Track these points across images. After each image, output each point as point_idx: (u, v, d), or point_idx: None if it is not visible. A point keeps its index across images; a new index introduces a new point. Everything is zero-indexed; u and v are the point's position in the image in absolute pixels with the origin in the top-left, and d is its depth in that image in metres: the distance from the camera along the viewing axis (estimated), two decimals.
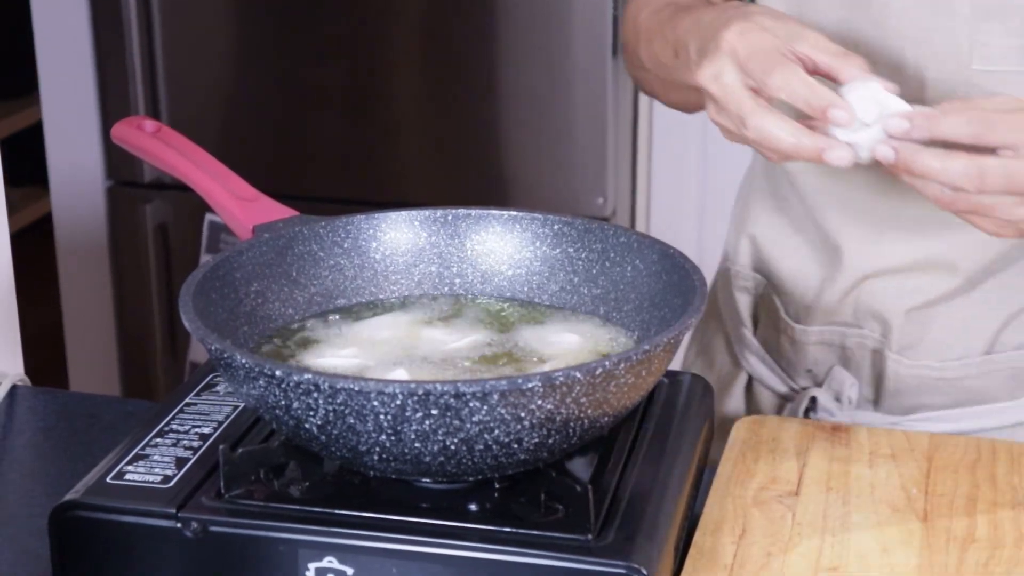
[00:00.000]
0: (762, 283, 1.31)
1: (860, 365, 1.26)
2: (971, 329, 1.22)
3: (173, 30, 2.57)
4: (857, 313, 1.24)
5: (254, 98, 2.58)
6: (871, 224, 1.22)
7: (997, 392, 1.23)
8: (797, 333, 1.27)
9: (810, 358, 1.28)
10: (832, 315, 1.25)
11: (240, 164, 1.23)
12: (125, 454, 0.98)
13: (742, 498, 1.02)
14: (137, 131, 1.18)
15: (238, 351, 0.90)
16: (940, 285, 1.21)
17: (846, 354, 1.26)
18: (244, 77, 2.58)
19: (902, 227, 1.20)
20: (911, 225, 1.20)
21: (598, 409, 0.90)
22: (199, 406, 1.05)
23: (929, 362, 1.23)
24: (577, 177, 2.46)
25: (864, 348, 1.25)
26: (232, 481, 0.93)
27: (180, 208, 2.65)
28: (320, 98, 2.53)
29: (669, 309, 1.02)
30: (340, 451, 0.90)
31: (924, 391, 1.24)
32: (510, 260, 1.13)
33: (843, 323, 1.25)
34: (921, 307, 1.22)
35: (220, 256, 1.04)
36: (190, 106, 2.60)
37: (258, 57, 2.56)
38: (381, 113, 2.52)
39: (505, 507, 0.92)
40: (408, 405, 0.85)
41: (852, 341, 1.25)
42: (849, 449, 1.09)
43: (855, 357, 1.26)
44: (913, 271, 1.21)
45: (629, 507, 0.93)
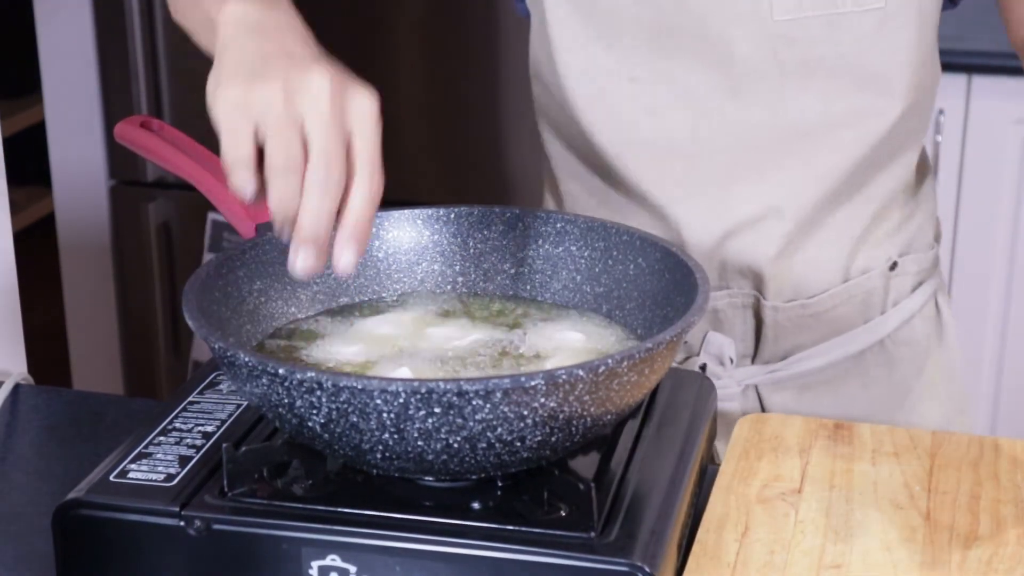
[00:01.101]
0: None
1: (733, 324, 1.30)
2: (831, 262, 1.28)
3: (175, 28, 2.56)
4: (723, 274, 1.28)
5: None
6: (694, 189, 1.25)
7: (854, 319, 1.31)
8: None
9: None
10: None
11: None
12: (128, 452, 0.99)
13: (745, 496, 1.02)
14: (140, 130, 1.18)
15: (241, 349, 0.90)
16: (779, 230, 1.26)
17: (718, 316, 1.30)
18: None
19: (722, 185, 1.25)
20: (729, 182, 1.25)
21: (601, 407, 0.90)
22: (202, 404, 1.05)
23: (802, 300, 1.28)
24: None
25: (735, 307, 1.30)
26: (235, 479, 0.93)
27: (183, 207, 2.65)
28: None
29: (671, 307, 1.02)
30: (343, 449, 0.90)
31: (798, 331, 1.30)
32: (513, 258, 1.13)
33: (712, 287, 1.28)
34: (778, 254, 1.27)
35: (223, 255, 1.04)
36: (193, 104, 2.59)
37: None
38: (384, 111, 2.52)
39: (508, 505, 0.92)
40: (411, 403, 0.85)
41: (722, 303, 1.30)
42: (852, 447, 1.09)
43: (727, 318, 1.30)
44: (754, 222, 1.25)
45: (632, 505, 0.93)
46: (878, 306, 1.32)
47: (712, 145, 1.24)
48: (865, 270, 1.30)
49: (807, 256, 1.28)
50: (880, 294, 1.32)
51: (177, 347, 2.73)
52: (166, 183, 2.63)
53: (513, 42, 2.42)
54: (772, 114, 1.23)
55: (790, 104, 1.22)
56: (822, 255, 1.28)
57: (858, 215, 1.28)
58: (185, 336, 2.70)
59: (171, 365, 2.75)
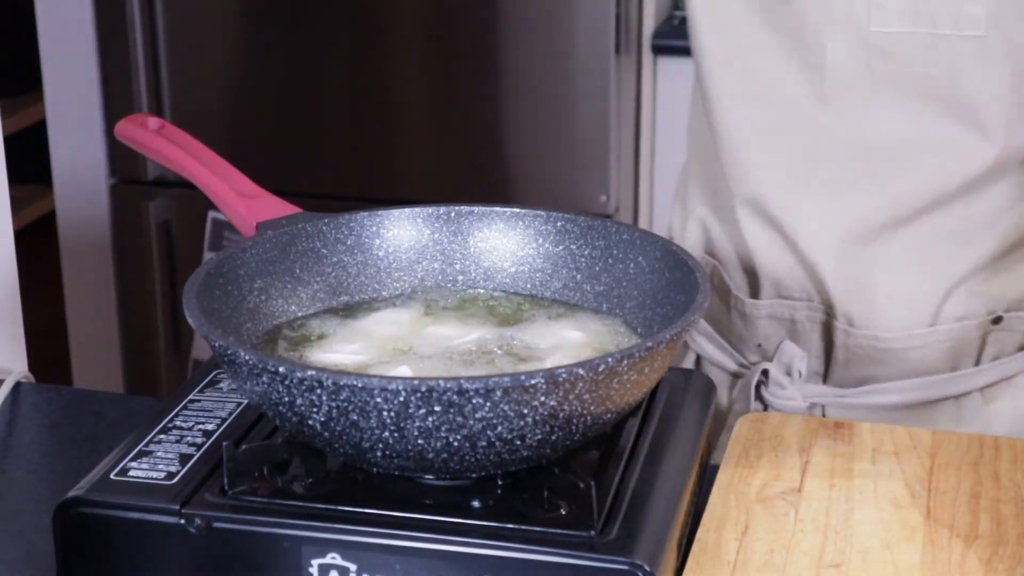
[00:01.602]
0: (710, 263, 1.33)
1: (809, 338, 1.28)
2: (914, 300, 1.24)
3: (176, 27, 2.57)
4: (805, 286, 1.26)
5: (258, 94, 2.58)
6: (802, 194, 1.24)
7: (939, 364, 1.26)
8: (747, 307, 1.29)
9: (760, 333, 1.30)
10: (781, 289, 1.28)
11: (244, 161, 1.23)
12: (129, 451, 0.98)
13: (745, 495, 1.02)
14: (140, 128, 1.18)
15: (241, 348, 0.90)
16: (847, 247, 1.23)
17: (795, 327, 1.28)
18: (248, 73, 2.58)
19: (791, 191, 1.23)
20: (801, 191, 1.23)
21: (601, 406, 0.90)
22: (203, 403, 1.05)
23: (876, 332, 1.24)
24: (580, 174, 2.46)
25: (813, 321, 1.27)
26: (236, 477, 0.93)
27: (183, 205, 2.65)
28: (324, 95, 2.53)
29: (672, 306, 1.02)
30: (343, 448, 0.90)
31: (871, 363, 1.26)
32: (513, 257, 1.13)
33: (791, 296, 1.27)
34: (843, 274, 1.24)
35: (223, 253, 1.04)
36: (194, 103, 2.60)
37: (262, 54, 2.56)
38: (385, 110, 2.52)
39: (508, 504, 0.92)
40: (411, 402, 0.85)
41: (801, 314, 1.27)
42: (852, 446, 1.09)
43: (804, 330, 1.28)
44: (852, 240, 1.23)
45: (632, 504, 0.93)
46: (971, 358, 1.26)
47: (789, 147, 1.22)
48: (960, 318, 1.24)
49: (884, 286, 1.23)
50: (975, 345, 1.25)
51: (177, 345, 2.73)
52: (166, 181, 2.63)
53: (515, 39, 2.42)
54: (856, 127, 1.20)
55: (877, 120, 1.19)
56: (903, 290, 1.23)
57: (950, 255, 1.23)
58: (185, 334, 2.70)
59: (171, 363, 2.75)
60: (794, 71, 1.20)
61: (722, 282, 1.32)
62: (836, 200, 1.22)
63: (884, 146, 1.20)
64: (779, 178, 1.24)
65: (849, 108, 1.20)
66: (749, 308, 1.29)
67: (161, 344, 2.74)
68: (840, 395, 1.28)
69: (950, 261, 1.23)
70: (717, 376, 1.35)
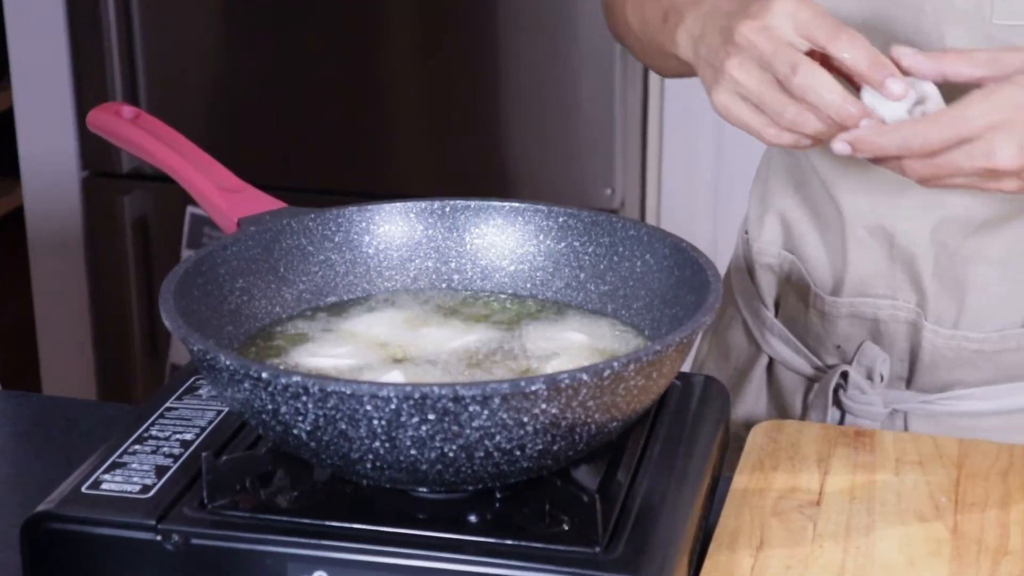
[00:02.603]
0: (788, 259, 1.33)
1: (892, 339, 1.28)
2: (1009, 300, 1.25)
3: (152, 10, 2.57)
4: (891, 283, 1.26)
5: (239, 83, 2.58)
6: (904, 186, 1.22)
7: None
8: (828, 305, 1.29)
9: (840, 333, 1.30)
10: (864, 287, 1.28)
11: (224, 153, 1.23)
12: (102, 462, 0.98)
13: (760, 508, 1.02)
14: (114, 118, 1.19)
15: (222, 352, 0.90)
16: (945, 243, 1.23)
17: (878, 328, 1.28)
18: (229, 60, 2.58)
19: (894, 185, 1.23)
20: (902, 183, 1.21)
21: (606, 413, 0.90)
22: (180, 411, 1.05)
23: (968, 333, 1.25)
24: (583, 167, 2.46)
25: (897, 320, 1.27)
26: (216, 490, 0.93)
27: (160, 200, 2.65)
28: (311, 82, 2.53)
29: (681, 307, 1.02)
30: (331, 458, 0.90)
31: (960, 365, 1.26)
32: (512, 255, 1.13)
33: (875, 295, 1.27)
34: (941, 270, 1.24)
35: (203, 251, 1.04)
36: (171, 91, 2.60)
37: (244, 39, 2.56)
38: (375, 99, 2.52)
39: (507, 518, 0.92)
40: (403, 409, 0.85)
41: (885, 313, 1.27)
42: (874, 456, 1.09)
43: (887, 331, 1.28)
44: (919, 230, 1.23)
45: (639, 518, 0.93)
46: None
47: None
48: None
49: (980, 284, 1.24)
50: None
51: (154, 349, 2.73)
52: (142, 174, 2.63)
53: (516, 24, 2.42)
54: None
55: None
56: (999, 288, 1.24)
57: None
58: (162, 338, 2.70)
59: (147, 368, 2.75)
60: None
61: (801, 279, 1.32)
62: (940, 196, 1.22)
63: None
64: (881, 174, 1.23)
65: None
66: (829, 306, 1.29)
67: (136, 348, 2.74)
68: (925, 401, 1.28)
69: None
70: (791, 380, 1.34)
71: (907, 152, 1.03)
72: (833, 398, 1.28)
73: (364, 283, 1.12)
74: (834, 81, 1.04)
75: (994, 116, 1.02)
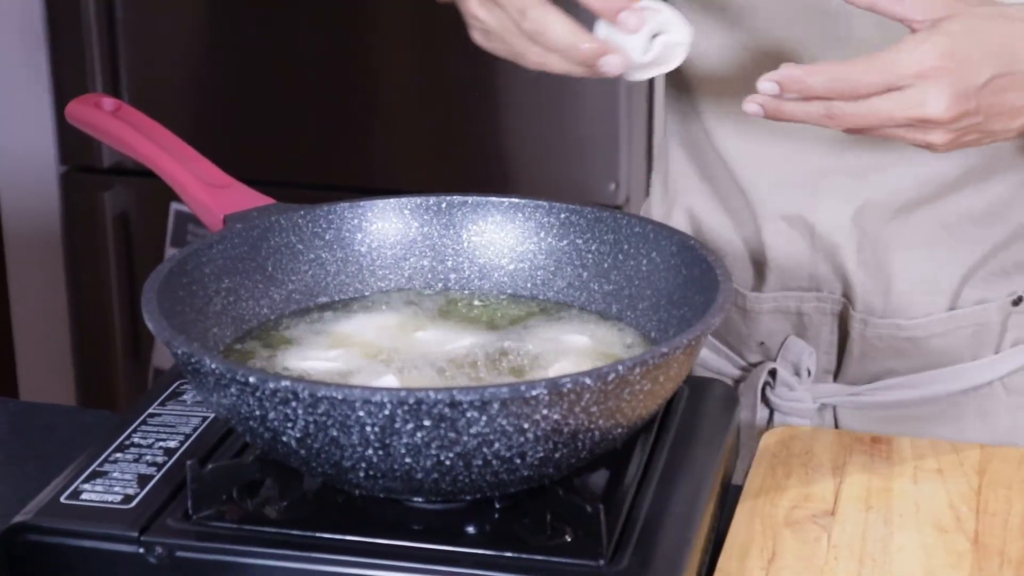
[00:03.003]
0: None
1: (818, 332, 1.30)
2: (933, 285, 1.27)
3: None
4: (814, 275, 1.28)
5: (225, 73, 2.58)
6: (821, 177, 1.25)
7: (960, 352, 1.28)
8: (749, 301, 1.30)
9: (763, 329, 1.31)
10: (785, 280, 1.29)
11: (210, 147, 1.23)
12: (81, 471, 0.98)
13: (772, 518, 1.02)
14: (95, 110, 1.18)
15: (207, 355, 0.90)
16: (870, 230, 1.25)
17: (802, 321, 1.30)
18: (215, 49, 2.58)
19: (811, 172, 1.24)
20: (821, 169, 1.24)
21: (611, 419, 0.90)
22: (164, 417, 1.05)
23: (898, 320, 1.27)
24: (586, 161, 2.46)
25: (823, 313, 1.29)
26: (201, 501, 0.93)
27: (143, 196, 2.64)
28: (299, 71, 2.53)
29: (689, 307, 1.02)
30: (322, 467, 0.90)
31: (890, 355, 1.28)
32: (512, 253, 1.13)
33: (798, 288, 1.29)
34: (868, 259, 1.26)
35: (187, 249, 1.04)
36: (154, 82, 2.60)
37: (231, 28, 2.56)
38: (368, 90, 2.52)
39: (507, 529, 0.92)
40: (398, 415, 0.85)
41: (809, 306, 1.29)
42: (891, 463, 1.09)
43: (812, 324, 1.29)
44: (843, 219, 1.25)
45: (645, 529, 0.93)
46: (992, 344, 1.29)
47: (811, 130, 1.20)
48: (980, 300, 1.27)
49: (904, 269, 1.26)
50: (996, 331, 1.28)
51: (136, 353, 2.73)
52: (124, 169, 2.63)
53: None
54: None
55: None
56: (923, 272, 1.26)
57: (971, 235, 1.26)
58: (145, 340, 2.70)
59: (129, 373, 2.75)
60: (814, 47, 1.21)
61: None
62: (860, 182, 1.24)
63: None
64: (796, 163, 1.25)
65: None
66: (751, 303, 1.30)
67: (118, 351, 2.74)
68: (853, 393, 1.30)
69: (971, 241, 1.26)
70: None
71: (834, 93, 1.03)
72: (761, 396, 1.30)
73: (356, 283, 1.12)
74: (565, 20, 1.06)
75: (926, 63, 1.01)
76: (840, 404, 1.31)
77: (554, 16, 1.07)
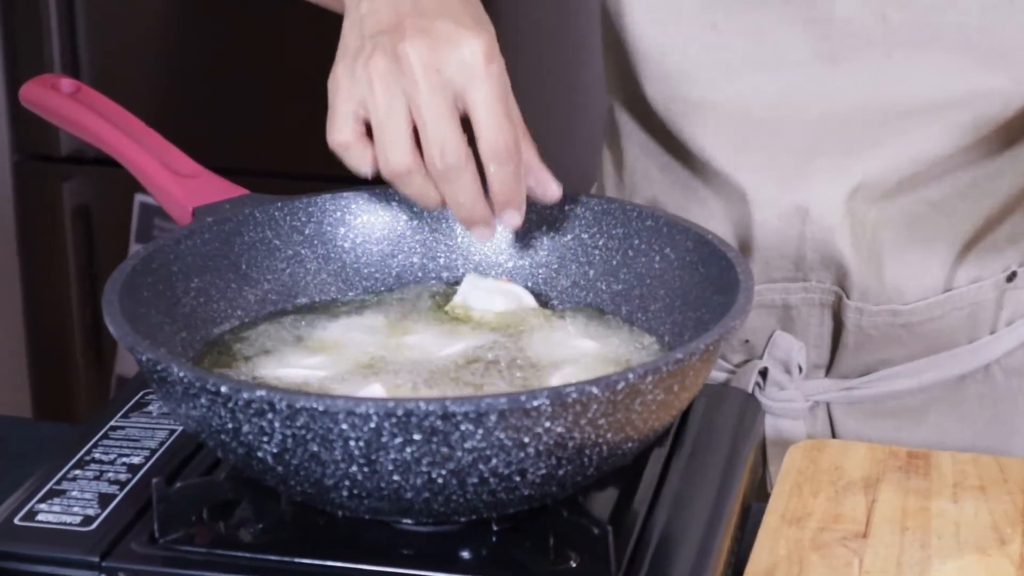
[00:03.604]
0: None
1: (806, 325, 1.32)
2: (923, 266, 1.30)
3: None
4: (800, 265, 1.29)
5: (195, 52, 2.58)
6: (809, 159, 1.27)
7: (956, 336, 1.33)
8: None
9: (747, 326, 1.32)
10: (769, 272, 1.31)
11: (178, 132, 1.23)
12: (37, 490, 0.99)
13: (798, 540, 1.02)
14: (52, 91, 1.19)
15: (175, 362, 0.89)
16: (865, 216, 1.27)
17: (789, 315, 1.32)
18: (183, 27, 2.58)
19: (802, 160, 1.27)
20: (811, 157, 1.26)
21: (620, 433, 0.90)
22: (128, 430, 1.05)
23: (895, 306, 1.30)
24: (591, 146, 2.46)
25: (811, 304, 1.31)
26: (168, 523, 0.93)
27: (104, 187, 2.65)
28: (276, 51, 2.53)
29: (707, 309, 1.02)
30: (301, 485, 0.90)
31: (886, 343, 1.31)
32: (510, 249, 1.13)
33: (783, 279, 1.30)
34: (863, 245, 1.28)
35: (153, 245, 1.04)
36: (116, 62, 2.60)
37: (200, 3, 2.56)
38: None
39: (505, 554, 0.92)
40: (385, 428, 0.85)
41: (796, 298, 1.31)
42: (928, 480, 1.09)
43: (800, 317, 1.32)
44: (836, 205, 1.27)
45: (659, 553, 0.93)
46: (988, 324, 1.34)
47: (796, 115, 1.26)
48: (975, 279, 1.32)
49: (901, 254, 1.29)
50: (992, 309, 1.33)
51: (97, 359, 2.74)
52: (83, 157, 2.64)
53: None
54: (872, 87, 1.24)
55: (896, 78, 1.24)
56: (919, 255, 1.30)
57: (963, 212, 1.30)
58: (107, 346, 2.71)
59: (90, 381, 2.75)
60: (797, 30, 1.23)
61: None
62: (854, 161, 1.26)
63: (903, 106, 1.25)
64: (783, 147, 1.27)
65: (863, 67, 1.24)
66: None
67: (77, 358, 2.74)
68: (846, 387, 1.33)
69: (960, 217, 1.30)
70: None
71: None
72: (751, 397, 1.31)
73: (339, 282, 1.12)
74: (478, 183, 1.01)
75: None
76: (833, 401, 1.34)
77: (474, 179, 1.01)
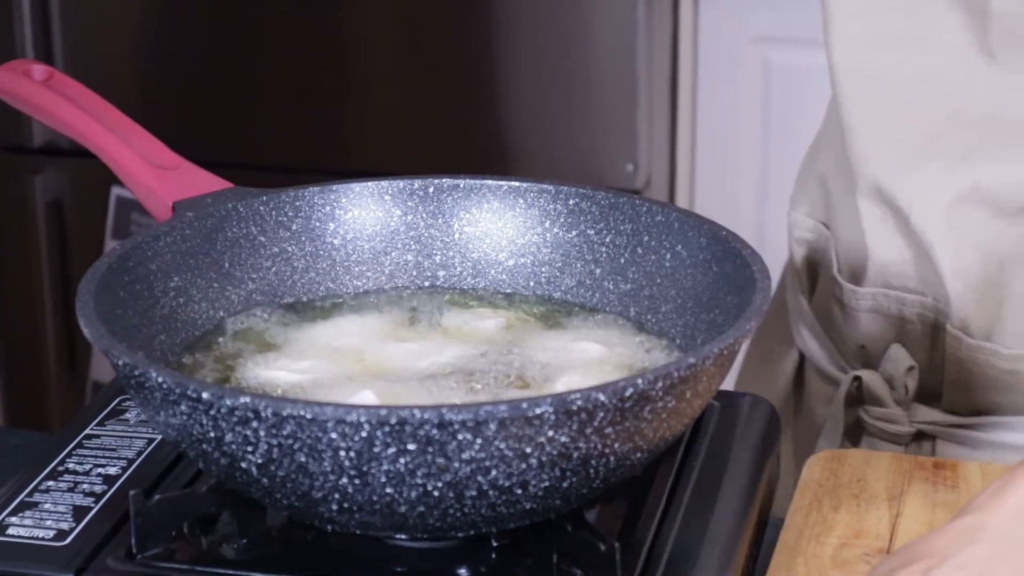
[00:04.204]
0: (824, 235, 1.33)
1: (917, 342, 1.27)
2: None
3: None
4: (920, 273, 1.25)
5: (175, 38, 2.58)
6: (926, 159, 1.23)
7: None
8: (846, 295, 1.29)
9: (862, 330, 1.29)
10: (887, 276, 1.27)
11: (156, 122, 1.23)
12: (8, 502, 0.99)
13: (818, 557, 1.02)
14: (22, 78, 1.19)
15: (153, 367, 0.89)
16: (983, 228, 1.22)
17: (904, 328, 1.28)
18: (163, 11, 2.58)
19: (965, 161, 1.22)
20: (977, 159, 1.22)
21: (628, 442, 0.90)
22: (103, 439, 1.06)
23: (997, 347, 1.24)
24: (599, 137, 2.46)
25: (925, 321, 1.27)
26: (147, 537, 0.93)
27: (79, 180, 2.65)
28: (261, 37, 2.53)
29: (721, 310, 1.02)
30: (288, 498, 0.90)
31: (990, 386, 1.25)
32: (512, 246, 1.13)
33: (901, 287, 1.27)
34: (974, 264, 1.23)
35: (130, 242, 1.04)
36: (92, 47, 2.60)
37: None
38: (342, 55, 2.52)
39: (506, 571, 0.92)
40: (377, 438, 0.85)
41: (912, 311, 1.27)
42: (957, 492, 1.09)
43: (914, 332, 1.27)
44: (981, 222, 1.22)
45: (669, 569, 0.93)
46: None
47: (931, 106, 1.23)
48: None
49: (1017, 286, 1.23)
50: None
51: (71, 363, 2.74)
52: (57, 149, 2.63)
53: None
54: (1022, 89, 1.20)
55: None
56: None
57: None
58: (82, 349, 2.71)
59: (63, 387, 2.75)
60: (955, 14, 1.21)
61: (827, 257, 1.32)
62: (971, 170, 1.22)
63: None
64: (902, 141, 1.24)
65: (1018, 65, 1.21)
66: (848, 296, 1.29)
67: (50, 361, 2.74)
68: (955, 424, 1.27)
69: None
70: (818, 386, 1.34)
71: None
72: (847, 411, 1.28)
73: (328, 281, 1.13)
74: None
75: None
76: (940, 435, 1.28)
77: None
